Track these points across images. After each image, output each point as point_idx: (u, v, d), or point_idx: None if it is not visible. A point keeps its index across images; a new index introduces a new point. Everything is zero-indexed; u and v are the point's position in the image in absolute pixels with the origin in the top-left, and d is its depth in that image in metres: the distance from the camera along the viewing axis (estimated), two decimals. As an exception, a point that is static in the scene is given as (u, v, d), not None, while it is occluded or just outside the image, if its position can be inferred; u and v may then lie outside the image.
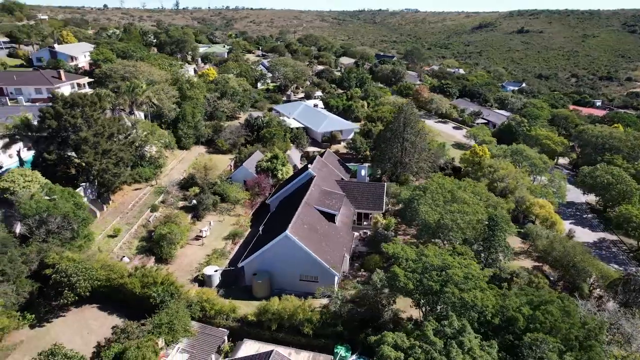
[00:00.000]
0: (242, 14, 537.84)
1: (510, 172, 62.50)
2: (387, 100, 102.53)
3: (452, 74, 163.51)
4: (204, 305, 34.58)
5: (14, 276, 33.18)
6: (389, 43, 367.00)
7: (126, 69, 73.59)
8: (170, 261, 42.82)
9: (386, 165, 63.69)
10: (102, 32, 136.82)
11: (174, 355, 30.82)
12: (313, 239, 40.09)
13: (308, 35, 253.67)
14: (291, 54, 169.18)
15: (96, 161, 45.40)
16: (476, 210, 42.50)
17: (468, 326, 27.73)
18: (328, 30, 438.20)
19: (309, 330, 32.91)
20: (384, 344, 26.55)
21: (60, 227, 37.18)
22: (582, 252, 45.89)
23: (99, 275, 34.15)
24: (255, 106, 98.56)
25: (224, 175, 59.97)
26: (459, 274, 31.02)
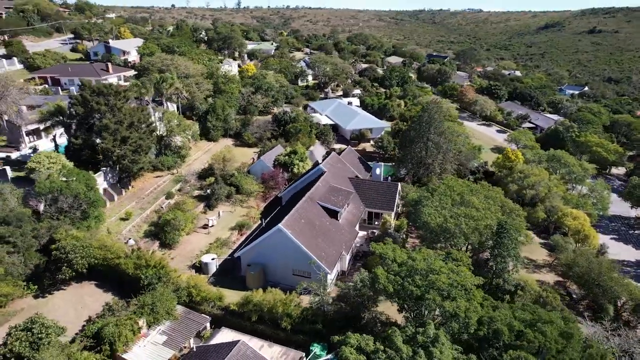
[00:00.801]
0: (300, 13, 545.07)
1: (542, 179, 58.07)
2: (425, 100, 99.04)
3: (505, 76, 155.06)
4: (191, 291, 35.23)
5: (23, 249, 35.73)
6: (446, 43, 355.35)
7: (164, 62, 77.03)
8: (174, 247, 44.17)
9: (408, 165, 61.58)
10: (157, 29, 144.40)
11: (153, 336, 31.66)
12: (308, 234, 39.57)
13: (358, 34, 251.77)
14: (338, 52, 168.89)
15: (115, 147, 47.85)
16: (485, 215, 39.81)
17: (442, 336, 25.99)
18: (384, 30, 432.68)
19: (287, 324, 32.49)
20: (347, 345, 25.56)
21: (70, 206, 39.54)
22: (610, 270, 41.61)
23: (96, 254, 35.89)
24: (291, 102, 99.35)
25: (243, 167, 60.87)
26: (444, 281, 29.16)
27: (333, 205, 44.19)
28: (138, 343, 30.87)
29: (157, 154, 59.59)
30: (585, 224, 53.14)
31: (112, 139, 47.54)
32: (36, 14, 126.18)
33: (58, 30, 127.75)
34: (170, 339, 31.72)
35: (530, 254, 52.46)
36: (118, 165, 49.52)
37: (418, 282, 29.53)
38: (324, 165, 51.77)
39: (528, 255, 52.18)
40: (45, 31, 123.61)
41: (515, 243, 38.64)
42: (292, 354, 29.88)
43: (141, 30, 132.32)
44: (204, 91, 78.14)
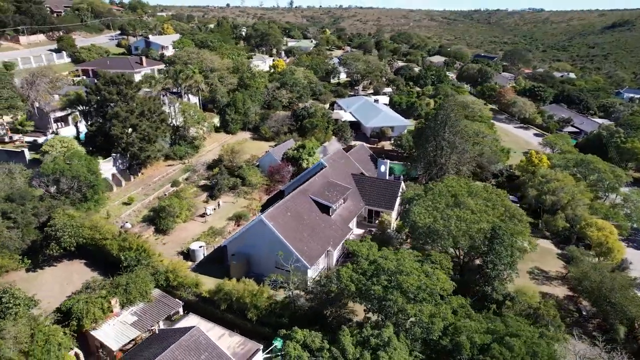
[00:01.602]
0: (350, 13, 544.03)
1: (565, 184, 53.67)
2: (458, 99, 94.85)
3: (554, 78, 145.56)
4: (169, 276, 35.76)
5: (22, 225, 37.91)
6: (499, 44, 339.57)
7: (190, 56, 79.35)
8: (168, 232, 45.17)
9: (420, 164, 59.21)
10: (197, 26, 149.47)
11: (124, 316, 32.45)
12: (293, 228, 38.97)
13: (402, 32, 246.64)
14: (377, 50, 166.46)
15: (123, 135, 49.76)
16: (480, 219, 37.23)
17: (395, 340, 24.54)
18: (434, 30, 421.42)
19: (252, 315, 32.16)
20: (292, 340, 24.75)
21: (70, 188, 41.53)
22: (624, 287, 37.60)
23: (85, 233, 37.38)
24: (319, 98, 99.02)
25: (253, 160, 61.27)
26: (411, 282, 27.53)
27: (325, 200, 43.25)
28: (108, 321, 31.76)
29: (171, 143, 61.39)
30: (610, 237, 48.51)
31: (122, 126, 49.48)
32: (90, 12, 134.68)
33: (108, 27, 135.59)
34: (140, 320, 32.36)
35: (543, 265, 48.75)
36: (127, 152, 51.39)
37: (383, 282, 28.09)
38: (326, 160, 50.91)
39: (540, 265, 48.61)
40: (97, 28, 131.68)
41: (512, 250, 35.89)
42: (250, 345, 29.44)
43: (184, 27, 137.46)
44: (227, 85, 79.56)
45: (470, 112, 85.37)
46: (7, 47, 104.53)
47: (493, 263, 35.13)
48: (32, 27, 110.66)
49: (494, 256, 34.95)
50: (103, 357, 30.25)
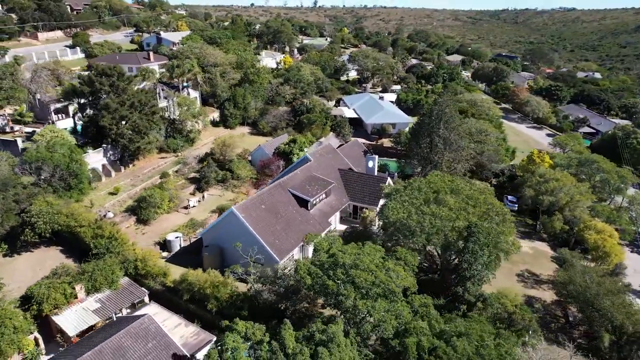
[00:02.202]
0: (374, 12, 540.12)
1: (563, 185, 51.22)
2: (465, 97, 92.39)
3: (575, 77, 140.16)
4: (138, 265, 35.78)
5: (2, 210, 38.67)
6: (524, 44, 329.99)
7: (193, 50, 79.92)
8: (149, 223, 45.36)
9: (413, 161, 57.69)
10: (210, 23, 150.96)
11: (88, 302, 32.57)
12: (266, 220, 38.40)
13: (420, 31, 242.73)
14: (393, 48, 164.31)
15: (113, 126, 50.32)
16: (458, 216, 35.70)
17: (340, 337, 23.60)
18: (458, 29, 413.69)
19: (212, 307, 31.77)
20: (232, 331, 24.15)
21: (52, 175, 42.19)
22: (611, 292, 35.38)
23: (60, 220, 37.82)
24: (325, 95, 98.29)
25: (245, 154, 61.10)
26: (365, 277, 26.52)
27: (303, 194, 42.51)
28: (72, 307, 31.94)
29: (166, 136, 61.87)
30: (608, 240, 45.99)
31: (111, 117, 50.04)
32: (108, 9, 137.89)
33: (125, 24, 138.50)
34: (103, 307, 32.43)
35: (536, 267, 46.66)
36: (117, 143, 51.96)
37: (339, 276, 27.17)
38: (312, 154, 50.16)
39: (532, 268, 46.56)
40: (114, 25, 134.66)
41: (490, 250, 34.23)
42: (203, 336, 29.06)
43: (198, 24, 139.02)
44: (229, 80, 79.76)
45: (476, 110, 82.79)
46: (25, 42, 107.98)
47: (468, 262, 33.63)
48: (50, 23, 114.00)
49: (469, 255, 33.46)
50: (61, 342, 30.41)
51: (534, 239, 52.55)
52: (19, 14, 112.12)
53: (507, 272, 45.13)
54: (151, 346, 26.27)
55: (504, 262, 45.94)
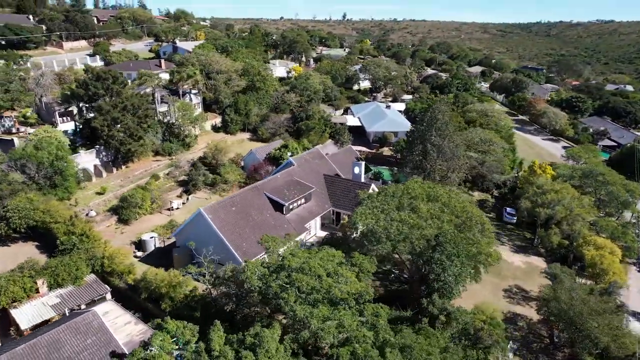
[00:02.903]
0: (401, 25, 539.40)
1: (562, 197, 48.41)
2: (476, 107, 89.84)
3: (601, 89, 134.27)
4: (104, 262, 35.91)
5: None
6: (555, 56, 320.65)
7: (199, 58, 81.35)
8: (130, 223, 45.76)
9: (406, 169, 56.09)
10: (227, 33, 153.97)
11: (49, 297, 32.80)
12: (234, 223, 37.91)
13: (441, 42, 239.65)
14: (412, 59, 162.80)
15: (104, 127, 51.43)
16: (429, 224, 34.05)
17: (268, 342, 22.58)
18: (486, 42, 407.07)
19: (166, 306, 31.38)
20: (162, 330, 23.55)
21: (36, 173, 43.28)
22: (597, 312, 32.73)
23: (35, 216, 38.54)
24: (333, 104, 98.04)
25: (238, 158, 61.15)
26: (308, 281, 25.46)
27: (279, 198, 41.82)
28: (32, 301, 32.24)
29: (163, 139, 62.77)
30: (608, 257, 42.92)
31: (102, 119, 51.19)
32: (132, 20, 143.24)
33: (148, 35, 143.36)
34: (62, 302, 32.58)
35: (527, 283, 44.06)
36: (108, 144, 53.01)
37: (283, 279, 26.22)
38: (297, 159, 49.53)
39: (523, 283, 43.95)
40: (137, 35, 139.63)
41: (462, 261, 32.37)
42: (150, 334, 28.52)
43: (216, 34, 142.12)
44: (233, 87, 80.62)
45: (485, 120, 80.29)
46: (51, 51, 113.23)
47: (436, 273, 31.88)
48: (75, 33, 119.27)
49: (436, 266, 31.75)
50: (13, 335, 30.62)
51: (529, 254, 49.74)
52: (48, 24, 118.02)
53: (494, 287, 42.85)
54: (90, 342, 25.97)
55: (491, 276, 44.08)
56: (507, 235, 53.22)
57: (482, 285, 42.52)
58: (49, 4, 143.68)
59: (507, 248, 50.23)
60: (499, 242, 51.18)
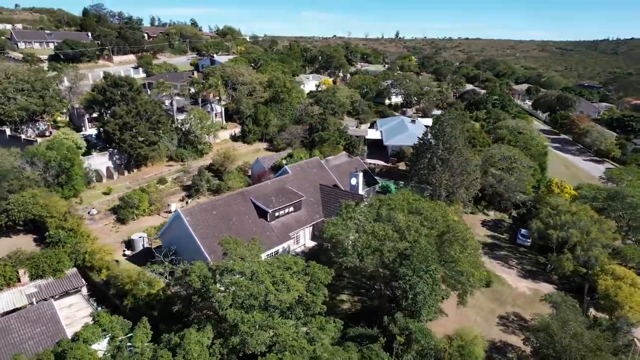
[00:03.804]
0: (454, 43, 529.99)
1: (579, 219, 44.02)
2: (507, 124, 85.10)
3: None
4: (85, 257, 37.10)
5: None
6: (622, 75, 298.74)
7: (225, 70, 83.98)
8: (127, 222, 47.22)
9: (411, 183, 53.77)
10: (265, 48, 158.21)
11: (27, 287, 34.26)
12: (212, 226, 37.87)
13: (487, 59, 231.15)
14: (453, 75, 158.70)
15: (116, 131, 54.01)
16: (402, 237, 32.03)
17: (189, 344, 21.98)
18: (543, 60, 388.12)
19: (128, 303, 31.66)
20: (95, 323, 23.59)
21: (45, 171, 46.03)
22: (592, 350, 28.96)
23: (33, 210, 40.76)
24: (359, 117, 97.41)
25: (245, 166, 61.75)
26: (247, 285, 24.67)
27: (263, 204, 41.37)
28: (11, 289, 33.82)
29: (178, 146, 64.88)
30: (625, 289, 38.12)
31: (114, 124, 53.81)
32: (179, 36, 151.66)
33: (192, 50, 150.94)
34: (38, 292, 33.88)
35: (528, 312, 39.97)
36: (120, 148, 55.51)
37: (228, 283, 25.57)
38: (292, 167, 49.05)
39: (523, 311, 40.09)
40: (182, 49, 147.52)
41: (434, 278, 30.06)
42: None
43: (256, 49, 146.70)
44: (256, 98, 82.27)
45: (514, 137, 75.69)
46: (102, 64, 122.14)
47: (403, 290, 29.77)
48: (125, 48, 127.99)
49: (402, 281, 29.67)
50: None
51: (539, 280, 45.45)
52: (102, 40, 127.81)
53: (489, 313, 39.43)
54: (39, 331, 26.64)
55: (488, 300, 40.79)
56: (518, 258, 49.09)
57: (476, 310, 39.42)
58: (109, 23, 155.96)
59: (515, 272, 46.25)
60: (506, 265, 47.46)
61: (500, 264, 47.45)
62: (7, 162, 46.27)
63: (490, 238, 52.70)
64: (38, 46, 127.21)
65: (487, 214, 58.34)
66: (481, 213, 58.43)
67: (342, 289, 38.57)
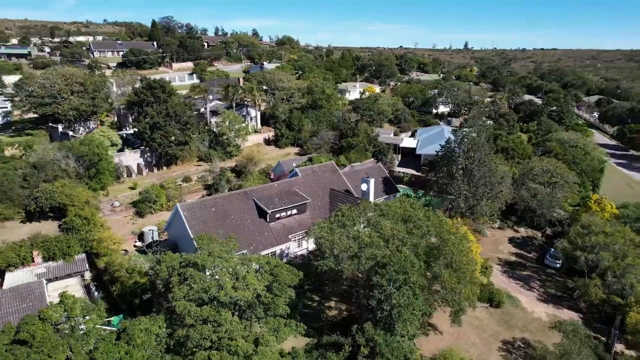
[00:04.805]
0: (526, 54, 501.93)
1: (614, 241, 39.20)
2: (559, 136, 78.49)
3: None
4: (93, 244, 39.51)
5: (32, 186, 47.12)
6: None
7: (265, 75, 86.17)
8: (145, 215, 49.66)
9: (429, 192, 51.21)
10: (315, 56, 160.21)
11: (39, 267, 37.11)
12: (209, 223, 38.59)
13: (554, 69, 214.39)
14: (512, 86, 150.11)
15: (146, 130, 57.36)
16: (388, 245, 30.39)
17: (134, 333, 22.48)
18: (629, 71, 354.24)
19: (115, 290, 33.07)
20: (60, 303, 24.85)
21: (77, 164, 49.95)
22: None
23: (58, 198, 44.25)
24: (400, 126, 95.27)
25: (268, 169, 62.56)
26: (202, 278, 24.83)
27: (263, 204, 41.47)
28: (25, 268, 36.89)
29: (209, 147, 67.44)
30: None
31: (145, 123, 57.19)
32: (236, 45, 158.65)
33: (249, 58, 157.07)
34: (46, 272, 36.59)
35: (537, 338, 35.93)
36: (150, 146, 58.80)
37: (187, 275, 25.84)
38: (303, 170, 48.77)
39: (532, 338, 36.18)
40: (238, 57, 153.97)
41: (415, 291, 28.14)
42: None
43: (308, 57, 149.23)
44: (293, 103, 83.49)
45: (563, 151, 69.57)
46: (162, 70, 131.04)
47: (378, 300, 28.14)
48: (184, 56, 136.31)
49: (377, 291, 28.06)
50: None
51: (562, 307, 40.76)
52: (164, 49, 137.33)
53: (491, 335, 36.07)
54: (24, 306, 28.61)
55: (494, 323, 37.34)
56: (542, 280, 44.50)
57: (478, 331, 36.30)
58: (176, 33, 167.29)
59: (534, 295, 41.97)
60: (525, 287, 43.25)
61: (519, 284, 43.34)
62: (48, 155, 50.87)
63: (515, 256, 48.41)
64: (110, 55, 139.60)
65: (516, 230, 53.77)
66: (510, 229, 54.00)
67: (331, 296, 37.37)
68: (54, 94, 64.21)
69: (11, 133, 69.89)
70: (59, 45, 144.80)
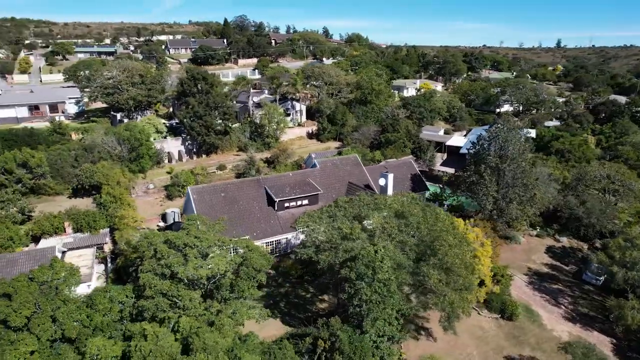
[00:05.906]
0: (631, 52, 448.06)
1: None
2: (634, 138, 69.13)
3: None
4: (116, 222, 42.73)
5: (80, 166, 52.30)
6: None
7: (314, 70, 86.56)
8: (173, 199, 52.55)
9: (457, 190, 47.94)
10: (377, 52, 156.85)
11: (67, 237, 41.02)
12: (217, 207, 39.81)
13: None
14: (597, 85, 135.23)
15: (185, 119, 60.68)
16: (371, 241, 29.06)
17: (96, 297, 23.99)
18: None
19: (119, 262, 35.48)
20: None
21: (120, 148, 54.36)
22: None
23: (96, 178, 48.48)
24: (455, 124, 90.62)
25: (300, 161, 62.90)
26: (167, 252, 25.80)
27: (273, 193, 41.76)
28: (56, 237, 41.04)
29: (250, 137, 69.57)
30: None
31: (186, 112, 60.52)
32: (302, 42, 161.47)
33: (313, 55, 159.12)
34: (72, 242, 40.33)
35: (549, 358, 32.08)
36: (189, 134, 62.07)
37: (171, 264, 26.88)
38: (323, 162, 48.29)
39: (543, 358, 32.23)
40: (302, 54, 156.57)
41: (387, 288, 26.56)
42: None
43: (370, 54, 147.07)
44: (340, 98, 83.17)
45: (635, 155, 61.23)
46: (228, 66, 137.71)
47: (348, 294, 27.02)
48: (249, 52, 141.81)
49: (348, 286, 26.92)
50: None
51: (593, 329, 35.81)
52: (232, 46, 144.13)
53: (493, 349, 32.99)
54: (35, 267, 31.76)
55: (500, 337, 34.14)
56: (575, 297, 39.40)
57: (478, 342, 33.34)
58: (249, 31, 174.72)
59: (560, 312, 37.39)
60: (552, 301, 38.71)
61: (544, 298, 38.89)
62: (98, 139, 55.98)
63: (548, 267, 43.50)
64: (183, 52, 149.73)
65: (557, 239, 48.28)
66: (550, 237, 48.64)
67: (326, 288, 36.54)
68: (115, 85, 70.48)
69: (82, 120, 77.99)
70: (141, 44, 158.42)
